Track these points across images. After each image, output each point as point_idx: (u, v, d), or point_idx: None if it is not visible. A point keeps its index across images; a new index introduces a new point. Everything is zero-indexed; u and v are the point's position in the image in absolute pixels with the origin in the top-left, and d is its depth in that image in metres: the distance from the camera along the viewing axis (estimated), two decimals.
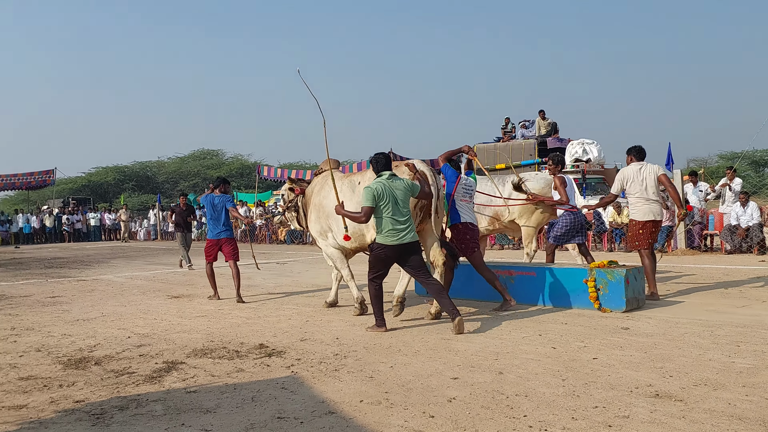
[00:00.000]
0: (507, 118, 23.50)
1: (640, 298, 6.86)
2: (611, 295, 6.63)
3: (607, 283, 6.64)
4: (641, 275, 7.01)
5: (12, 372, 4.86)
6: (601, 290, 6.67)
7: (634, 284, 6.73)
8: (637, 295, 6.78)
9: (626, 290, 6.55)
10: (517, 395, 3.86)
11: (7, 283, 11.99)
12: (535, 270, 7.34)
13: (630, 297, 6.61)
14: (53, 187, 38.18)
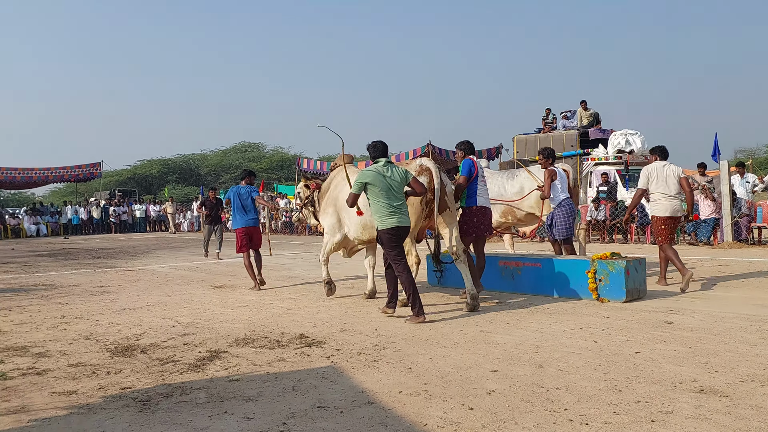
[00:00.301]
0: (548, 109, 23.19)
1: (641, 288, 7.05)
2: (612, 286, 6.84)
3: (608, 274, 6.85)
4: (642, 267, 7.16)
5: (62, 359, 5.03)
6: (602, 281, 6.89)
7: (635, 275, 6.93)
8: (637, 285, 6.97)
9: (627, 281, 6.74)
10: (557, 389, 3.83)
11: (57, 272, 12.38)
12: (540, 261, 7.57)
13: (630, 288, 6.80)
14: (100, 180, 39.21)
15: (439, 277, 8.44)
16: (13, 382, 4.36)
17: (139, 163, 52.04)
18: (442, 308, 6.77)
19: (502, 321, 6.02)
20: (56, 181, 37.27)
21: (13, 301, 8.38)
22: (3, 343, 5.65)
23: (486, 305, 6.91)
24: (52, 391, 4.13)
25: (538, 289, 7.47)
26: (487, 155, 23.36)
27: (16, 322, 6.69)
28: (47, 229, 31.45)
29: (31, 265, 14.21)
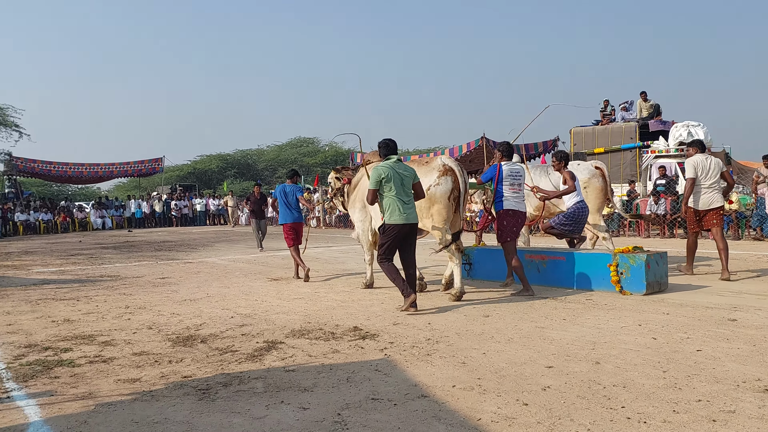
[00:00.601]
0: (606, 101, 22.62)
1: (662, 281, 7.18)
2: (633, 279, 6.99)
3: (629, 267, 7.01)
4: (663, 260, 7.25)
5: (126, 348, 5.23)
6: (624, 274, 7.04)
7: (656, 269, 7.06)
8: (658, 278, 7.10)
9: (647, 274, 6.89)
10: (614, 386, 3.77)
11: (121, 264, 12.84)
12: (565, 255, 7.78)
13: (651, 281, 6.95)
14: (162, 175, 40.37)
15: (468, 269, 8.77)
16: (80, 369, 4.56)
17: (198, 158, 53.27)
18: (495, 304, 6.73)
19: (558, 317, 5.94)
20: (120, 176, 38.68)
21: (81, 291, 8.74)
22: (71, 331, 5.91)
23: (541, 301, 6.84)
24: (117, 378, 4.30)
25: (563, 282, 7.65)
26: (543, 148, 22.99)
27: (83, 312, 6.98)
28: (112, 223, 32.60)
29: (97, 257, 14.78)
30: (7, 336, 5.76)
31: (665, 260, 7.29)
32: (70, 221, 31.12)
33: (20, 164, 32.01)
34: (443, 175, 6.94)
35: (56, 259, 14.69)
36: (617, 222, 17.14)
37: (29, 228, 28.78)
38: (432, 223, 7.08)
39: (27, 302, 7.79)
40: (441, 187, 6.93)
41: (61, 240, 23.23)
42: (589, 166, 9.15)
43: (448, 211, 6.96)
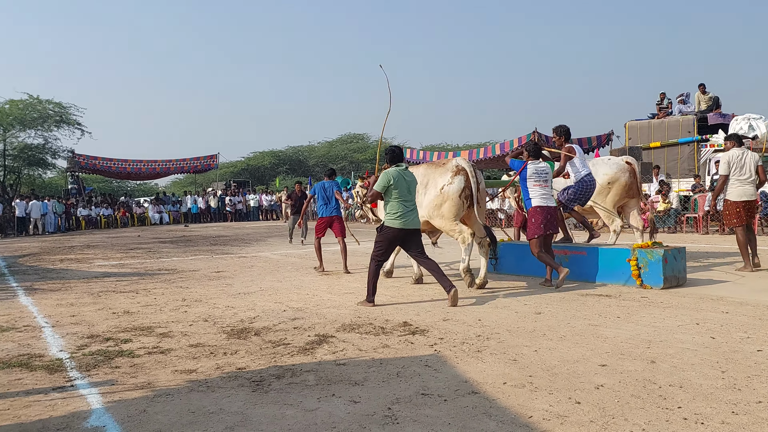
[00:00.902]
0: (662, 93, 21.99)
1: (680, 276, 7.34)
2: (651, 273, 7.20)
3: (647, 262, 7.22)
4: (681, 255, 7.42)
5: (183, 339, 5.38)
6: (642, 268, 7.23)
7: (674, 263, 7.24)
8: (676, 273, 7.27)
9: (664, 269, 7.08)
10: (670, 386, 3.68)
11: (178, 258, 13.19)
12: (586, 250, 8.07)
13: (668, 275, 7.13)
14: (216, 171, 41.26)
15: (494, 264, 9.14)
16: (140, 359, 4.71)
17: (252, 155, 54.23)
18: (545, 300, 6.65)
19: (612, 315, 5.83)
20: (177, 172, 39.68)
21: (140, 284, 9.03)
22: (131, 323, 6.12)
23: (594, 298, 6.72)
24: (174, 369, 4.43)
25: (585, 276, 7.90)
26: (597, 142, 22.52)
27: (142, 304, 7.21)
28: (169, 218, 33.52)
29: (155, 251, 15.23)
30: (70, 327, 6.00)
31: (683, 255, 7.47)
32: (130, 216, 32.15)
33: (82, 161, 33.21)
34: (456, 174, 7.45)
35: (116, 252, 15.20)
36: (674, 218, 16.66)
37: (91, 223, 29.87)
38: (442, 220, 7.53)
39: (89, 294, 8.09)
40: (453, 186, 7.42)
41: (121, 234, 24.02)
42: (619, 161, 9.15)
43: (458, 209, 7.43)
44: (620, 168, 9.03)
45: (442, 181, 7.53)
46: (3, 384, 4.14)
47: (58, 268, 11.74)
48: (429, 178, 7.74)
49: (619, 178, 8.99)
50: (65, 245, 18.42)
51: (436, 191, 7.53)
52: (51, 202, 28.04)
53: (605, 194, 8.96)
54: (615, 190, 8.96)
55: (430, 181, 7.69)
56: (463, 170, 7.49)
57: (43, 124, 31.37)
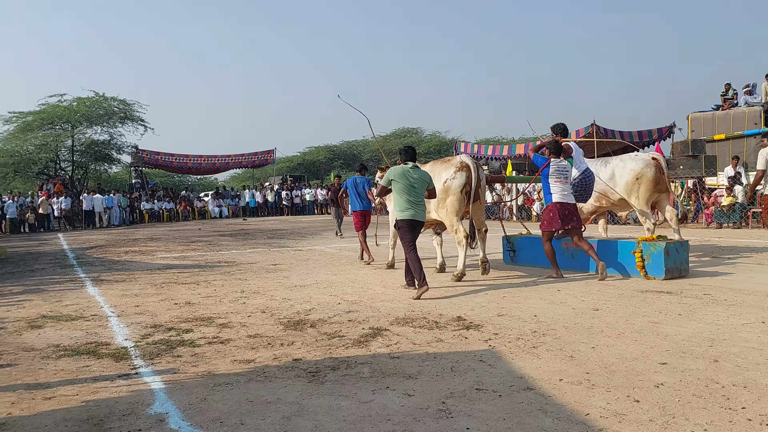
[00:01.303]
0: (727, 84, 21.15)
1: (682, 268, 7.65)
2: (653, 265, 7.55)
3: (651, 254, 7.57)
4: (684, 248, 7.73)
5: (242, 330, 5.51)
6: (646, 260, 7.58)
7: (675, 256, 7.59)
8: (678, 265, 7.61)
9: (666, 261, 7.43)
10: (734, 385, 3.56)
11: (237, 251, 13.49)
12: (595, 243, 8.23)
13: (670, 267, 7.48)
14: (273, 166, 41.91)
15: (512, 256, 9.58)
16: (200, 349, 4.86)
17: (307, 150, 54.88)
18: (602, 296, 6.53)
19: (673, 312, 5.67)
20: (236, 167, 40.56)
21: (200, 276, 9.28)
22: (192, 313, 6.30)
23: (654, 294, 6.55)
24: (233, 359, 4.55)
25: (593, 267, 8.08)
26: (658, 135, 21.86)
27: (203, 296, 7.41)
28: (228, 211, 34.27)
29: (215, 244, 15.61)
30: (135, 317, 6.23)
31: (686, 248, 7.82)
32: (191, 210, 33.04)
33: (145, 156, 34.28)
34: (459, 170, 7.93)
35: (178, 245, 15.66)
36: (739, 213, 16.03)
37: (154, 216, 30.82)
38: (444, 213, 8.04)
39: (152, 285, 8.37)
40: (456, 181, 7.91)
41: (183, 227, 24.71)
42: (645, 157, 9.21)
43: (460, 203, 7.92)
44: (646, 163, 9.06)
45: (446, 176, 8.02)
46: (72, 370, 4.34)
47: (123, 260, 12.18)
48: (434, 173, 8.15)
49: (645, 174, 9.00)
50: (130, 238, 19.08)
51: (440, 185, 7.96)
52: (116, 196, 29.08)
53: (636, 190, 9.03)
54: (644, 186, 8.98)
55: (435, 176, 8.08)
56: (466, 167, 7.93)
57: (109, 120, 32.56)
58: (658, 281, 7.37)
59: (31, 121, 31.25)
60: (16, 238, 21.99)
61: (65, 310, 6.66)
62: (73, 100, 31.78)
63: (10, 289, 8.52)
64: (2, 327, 5.87)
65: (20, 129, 31.26)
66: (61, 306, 6.95)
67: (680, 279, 7.46)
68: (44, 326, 5.86)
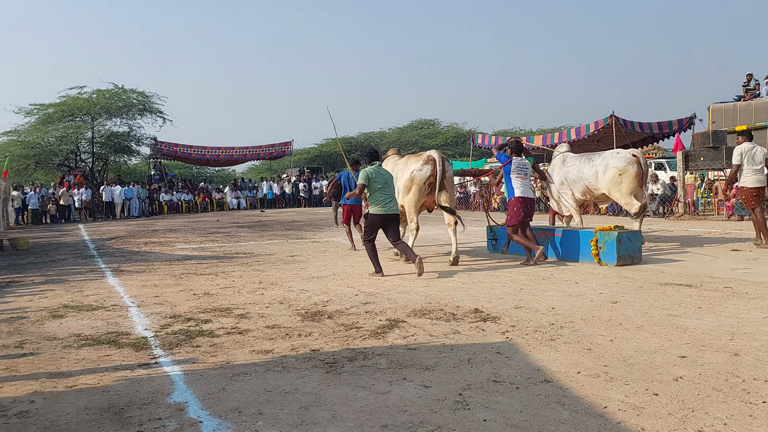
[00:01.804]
0: (749, 75, 20.82)
1: (634, 255, 8.32)
2: (607, 252, 8.27)
3: (605, 242, 8.29)
4: (637, 238, 8.45)
5: (260, 320, 5.55)
6: (601, 248, 8.30)
7: (628, 245, 8.28)
8: (630, 253, 8.28)
9: (618, 249, 8.15)
10: (755, 379, 3.52)
11: (255, 242, 13.57)
12: (562, 232, 9.20)
13: (622, 254, 8.19)
14: (290, 158, 42.06)
15: (494, 244, 10.45)
16: (219, 339, 4.90)
17: (324, 142, 54.91)
18: (619, 287, 6.49)
19: (693, 305, 5.62)
20: (253, 158, 40.68)
21: (219, 267, 9.35)
22: (211, 304, 6.36)
23: (674, 287, 6.49)
24: (251, 349, 4.59)
25: (559, 254, 9.14)
26: (678, 126, 21.60)
27: (221, 286, 7.47)
28: (246, 203, 34.45)
29: (233, 235, 15.71)
30: (154, 307, 6.29)
31: (639, 238, 8.54)
32: (209, 201, 33.25)
33: (164, 148, 34.53)
34: (425, 164, 8.66)
35: (197, 236, 15.78)
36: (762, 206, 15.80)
37: (172, 207, 31.08)
38: (407, 202, 8.77)
39: (171, 276, 8.45)
40: (421, 173, 8.63)
41: (201, 219, 24.89)
42: (627, 154, 10.00)
43: (421, 193, 8.66)
44: (628, 160, 9.86)
45: (413, 167, 8.78)
46: (93, 360, 4.40)
47: (142, 251, 12.31)
48: (406, 165, 9.01)
49: (628, 170, 9.80)
50: (149, 229, 19.27)
51: (408, 175, 8.77)
52: (135, 188, 29.35)
53: (619, 185, 9.85)
54: (626, 180, 9.77)
55: (406, 167, 8.96)
56: (432, 160, 8.68)
57: (128, 112, 32.85)
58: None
59: (51, 113, 31.62)
60: (38, 228, 22.29)
61: (86, 300, 6.75)
62: (93, 92, 32.09)
63: (32, 279, 8.65)
64: (25, 316, 5.97)
65: (41, 121, 31.65)
66: (82, 296, 7.05)
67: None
68: (66, 316, 5.95)
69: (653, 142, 24.07)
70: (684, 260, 8.64)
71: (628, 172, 9.75)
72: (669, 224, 15.21)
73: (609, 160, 9.97)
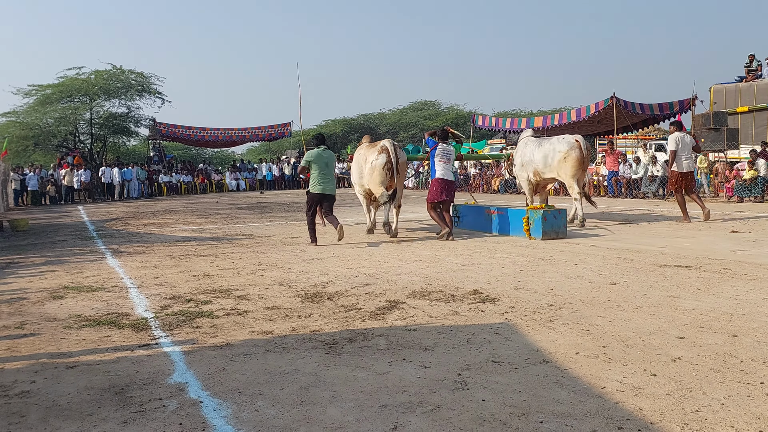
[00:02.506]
0: (751, 55, 20.69)
1: (559, 230, 9.50)
2: (535, 228, 9.45)
3: (534, 219, 9.47)
4: (561, 215, 9.62)
5: (260, 302, 5.56)
6: (531, 224, 9.49)
7: (552, 221, 9.45)
8: (555, 228, 9.46)
9: (543, 225, 9.33)
10: (753, 360, 3.54)
11: (254, 224, 13.57)
12: (505, 210, 10.46)
13: (547, 230, 9.36)
14: (290, 139, 41.82)
15: (456, 221, 11.26)
16: (219, 320, 4.91)
17: (324, 123, 54.67)
18: (620, 271, 6.50)
19: (692, 286, 5.63)
20: (252, 140, 40.47)
21: (218, 248, 9.36)
22: (210, 285, 6.37)
23: (673, 269, 6.50)
24: (251, 330, 4.60)
25: (500, 230, 10.37)
26: (680, 107, 21.53)
27: (221, 267, 7.48)
28: (245, 184, 34.36)
29: (232, 217, 15.71)
30: (154, 288, 6.31)
31: (563, 215, 9.70)
32: (208, 183, 33.18)
33: (163, 129, 34.35)
34: (381, 153, 9.95)
35: (196, 218, 15.78)
36: (761, 187, 15.80)
37: (172, 189, 31.02)
38: (373, 185, 10.05)
39: (171, 257, 8.46)
40: (379, 161, 9.90)
41: (200, 200, 24.86)
42: (570, 139, 10.89)
43: (383, 177, 9.88)
44: (571, 145, 10.78)
45: (372, 158, 10.08)
46: (93, 340, 4.42)
47: (142, 232, 12.31)
48: (366, 156, 10.31)
49: (570, 154, 10.71)
50: (148, 210, 19.26)
51: (369, 165, 10.07)
52: (134, 169, 29.28)
53: (563, 167, 10.80)
54: (570, 163, 10.70)
55: (367, 158, 10.22)
56: (386, 150, 9.97)
57: (126, 93, 32.62)
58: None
59: (50, 94, 31.41)
60: (37, 210, 22.28)
61: (86, 282, 6.76)
62: (91, 72, 31.86)
63: (32, 260, 8.66)
64: (25, 297, 5.98)
65: (39, 102, 31.45)
66: (82, 277, 7.06)
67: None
68: (66, 297, 5.96)
69: (654, 123, 24.02)
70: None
71: (570, 156, 10.67)
72: (669, 206, 15.20)
73: (555, 145, 10.94)
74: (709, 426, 2.73)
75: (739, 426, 2.72)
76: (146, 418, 3.02)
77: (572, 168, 10.67)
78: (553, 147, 10.93)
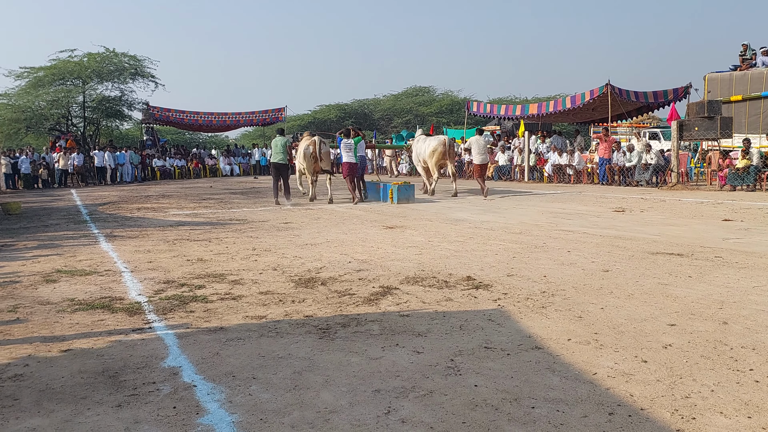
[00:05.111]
0: (745, 44, 20.68)
1: (409, 198, 14.15)
2: (395, 196, 13.99)
3: (395, 190, 14.07)
4: (410, 188, 14.32)
5: (254, 287, 5.57)
6: (393, 194, 14.02)
7: (404, 192, 14.15)
8: (406, 197, 14.12)
9: (399, 194, 14.03)
10: (743, 347, 3.58)
11: (248, 209, 13.55)
12: (383, 185, 15.02)
13: (401, 197, 14.04)
14: (284, 124, 41.65)
15: (365, 197, 15.34)
16: (213, 305, 4.92)
17: (318, 108, 54.44)
18: (614, 260, 6.53)
19: (683, 274, 5.67)
20: (246, 125, 40.27)
21: (212, 233, 9.35)
22: (204, 270, 6.37)
23: (665, 257, 6.54)
24: (245, 314, 4.61)
25: (381, 198, 14.76)
26: (674, 95, 21.54)
27: (215, 252, 7.48)
28: (239, 169, 34.28)
29: (226, 202, 15.67)
30: (148, 272, 6.30)
31: (412, 189, 14.42)
32: (202, 167, 33.06)
33: (156, 113, 34.08)
34: (309, 145, 14.42)
35: (190, 202, 15.73)
36: (753, 175, 15.85)
37: (165, 173, 30.89)
38: (304, 167, 14.82)
39: (165, 242, 8.45)
40: (308, 150, 14.44)
41: (194, 185, 24.78)
42: (440, 137, 15.76)
43: (309, 162, 14.58)
44: (439, 142, 15.46)
45: (303, 146, 14.66)
46: (87, 324, 4.42)
47: (135, 216, 12.27)
48: (304, 145, 14.60)
49: (437, 149, 15.33)
50: (142, 194, 19.18)
51: (302, 152, 14.61)
52: (128, 153, 29.12)
53: (431, 158, 15.41)
54: (435, 157, 15.34)
55: (302, 146, 14.70)
56: (313, 142, 14.51)
57: (119, 76, 32.33)
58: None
59: (42, 76, 31.11)
60: (30, 193, 22.16)
61: (79, 265, 6.75)
62: (84, 55, 31.55)
63: (25, 243, 8.63)
64: (18, 281, 5.97)
65: (32, 84, 31.15)
66: (75, 261, 7.04)
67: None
68: (59, 281, 5.95)
69: (648, 111, 24.04)
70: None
71: (437, 150, 15.32)
72: (662, 194, 15.26)
73: (430, 141, 15.67)
74: (698, 412, 2.76)
75: (728, 412, 2.75)
76: (140, 401, 3.03)
77: (437, 159, 15.44)
78: (429, 143, 15.61)
